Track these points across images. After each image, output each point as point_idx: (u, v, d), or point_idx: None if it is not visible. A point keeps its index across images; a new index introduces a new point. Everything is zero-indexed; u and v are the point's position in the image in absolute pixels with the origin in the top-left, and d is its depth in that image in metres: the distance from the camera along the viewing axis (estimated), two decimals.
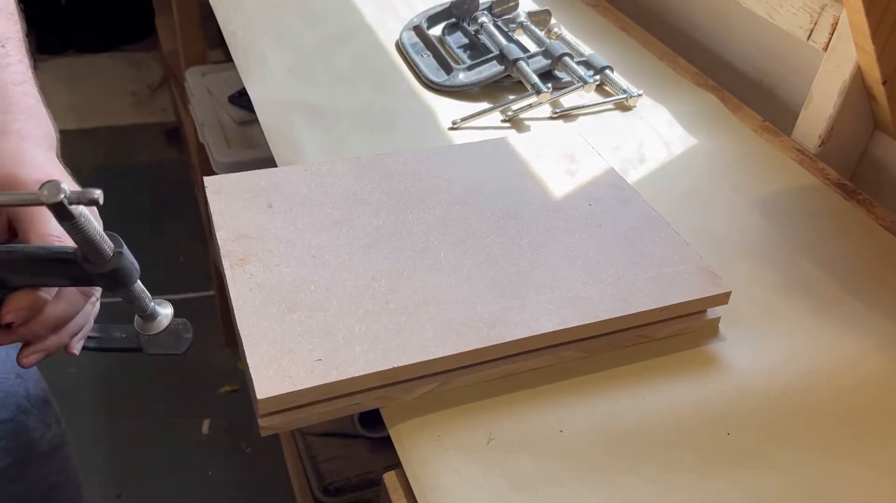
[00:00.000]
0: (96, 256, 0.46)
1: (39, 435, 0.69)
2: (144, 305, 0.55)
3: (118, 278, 0.48)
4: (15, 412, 0.66)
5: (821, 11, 0.82)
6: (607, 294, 0.58)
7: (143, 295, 0.54)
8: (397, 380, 0.52)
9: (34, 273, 0.47)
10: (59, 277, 0.48)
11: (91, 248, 0.45)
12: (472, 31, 1.01)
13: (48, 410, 0.72)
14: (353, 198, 0.66)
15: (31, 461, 0.68)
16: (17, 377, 0.67)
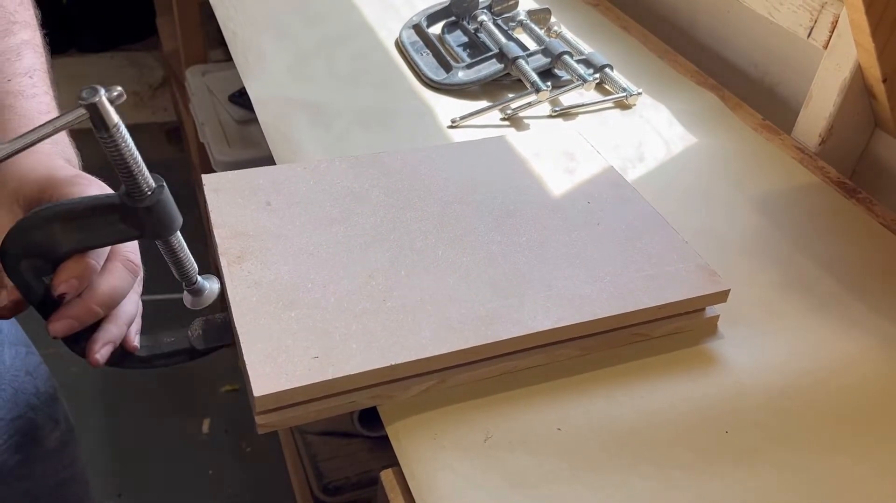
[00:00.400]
0: (137, 185, 0.45)
1: (48, 432, 0.69)
2: (190, 269, 0.53)
3: (162, 216, 0.47)
4: (25, 409, 0.66)
5: (821, 9, 0.82)
6: (605, 292, 0.58)
7: (188, 256, 0.52)
8: (394, 378, 0.52)
9: (79, 227, 0.46)
10: (103, 231, 0.47)
11: (131, 172, 0.44)
12: (472, 29, 1.01)
13: (57, 408, 0.72)
14: (352, 196, 0.66)
15: (40, 458, 0.68)
16: (26, 374, 0.67)
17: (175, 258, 0.52)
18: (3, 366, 0.65)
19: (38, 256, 0.46)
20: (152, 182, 0.46)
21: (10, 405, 0.64)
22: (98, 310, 0.48)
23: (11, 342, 0.68)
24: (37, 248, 0.46)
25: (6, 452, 0.63)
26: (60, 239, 0.46)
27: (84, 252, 0.47)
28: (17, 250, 0.46)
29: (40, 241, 0.46)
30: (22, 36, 0.58)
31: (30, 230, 0.46)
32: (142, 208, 0.45)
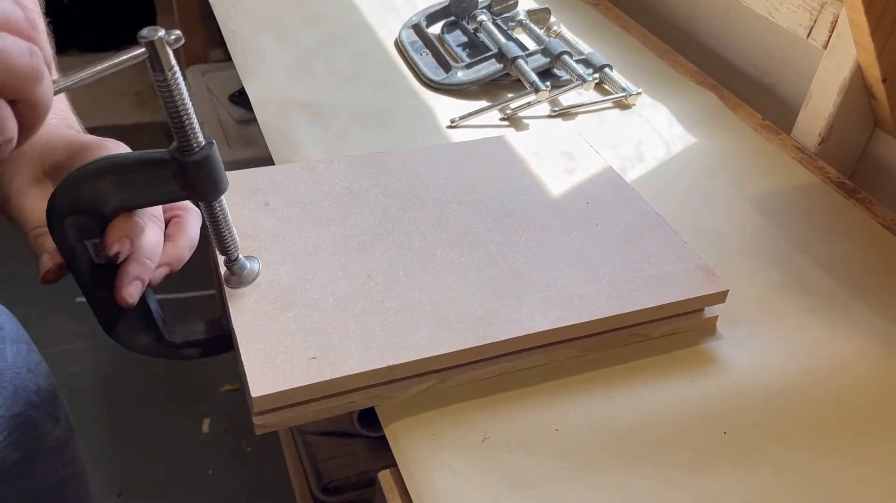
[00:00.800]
0: (188, 138, 0.45)
1: (49, 430, 0.69)
2: (231, 241, 0.52)
3: (211, 173, 0.47)
4: (25, 407, 0.66)
5: (820, 9, 0.82)
6: (604, 292, 0.58)
7: (231, 228, 0.52)
8: (392, 379, 0.52)
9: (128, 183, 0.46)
10: (151, 189, 0.47)
11: (183, 123, 0.44)
12: (471, 29, 1.01)
13: (57, 405, 0.72)
14: (350, 196, 0.65)
15: (40, 456, 0.68)
16: (27, 372, 0.67)
17: (217, 226, 0.51)
18: (5, 364, 0.65)
19: (84, 213, 0.46)
20: (202, 138, 0.46)
21: (11, 402, 0.64)
22: (151, 266, 0.49)
23: (13, 339, 0.68)
24: (84, 204, 0.46)
25: (6, 449, 0.63)
26: (108, 195, 0.46)
27: (128, 212, 0.48)
28: (66, 205, 0.46)
29: (88, 197, 0.46)
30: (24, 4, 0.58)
31: (79, 184, 0.46)
32: (191, 163, 0.45)
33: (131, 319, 0.53)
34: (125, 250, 0.47)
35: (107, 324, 0.52)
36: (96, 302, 0.51)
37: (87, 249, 0.48)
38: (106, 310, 0.51)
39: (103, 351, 1.68)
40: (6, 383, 0.64)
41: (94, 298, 0.51)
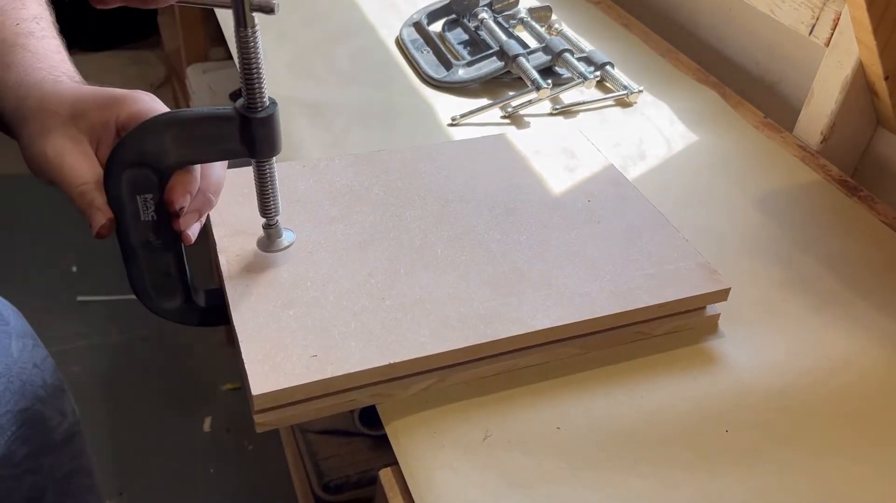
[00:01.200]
0: (256, 96, 0.47)
1: (56, 424, 0.70)
2: (274, 204, 0.55)
3: (273, 131, 0.49)
4: (32, 401, 0.66)
5: (822, 7, 0.82)
6: (605, 290, 0.57)
7: (276, 191, 0.54)
8: (393, 377, 0.52)
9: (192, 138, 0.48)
10: (213, 146, 0.49)
11: (253, 81, 0.47)
12: (472, 27, 1.01)
13: (64, 399, 0.72)
14: (351, 194, 0.65)
15: (48, 450, 0.68)
16: (34, 367, 0.68)
17: (264, 187, 0.53)
18: (11, 359, 0.65)
19: (144, 165, 0.48)
20: (267, 98, 0.48)
21: (18, 397, 0.65)
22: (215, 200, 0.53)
23: (19, 335, 0.68)
24: (146, 157, 0.48)
25: (14, 443, 0.63)
26: (170, 149, 0.48)
27: (186, 167, 0.50)
28: (129, 157, 0.48)
29: (152, 150, 0.48)
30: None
31: (146, 136, 0.47)
32: (257, 119, 0.48)
33: (166, 281, 0.54)
34: (187, 205, 0.50)
35: (140, 286, 0.53)
36: (136, 261, 0.52)
37: (137, 205, 0.50)
38: (144, 270, 0.53)
39: (104, 350, 1.68)
40: (13, 378, 0.65)
41: (135, 257, 0.52)
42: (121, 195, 0.49)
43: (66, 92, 0.51)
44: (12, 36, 0.55)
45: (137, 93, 0.52)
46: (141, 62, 2.67)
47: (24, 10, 0.57)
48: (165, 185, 0.50)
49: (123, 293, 1.81)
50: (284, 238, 0.58)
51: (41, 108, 0.50)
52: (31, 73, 0.52)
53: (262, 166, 0.52)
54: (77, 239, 1.90)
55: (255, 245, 0.59)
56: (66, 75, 0.54)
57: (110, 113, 0.50)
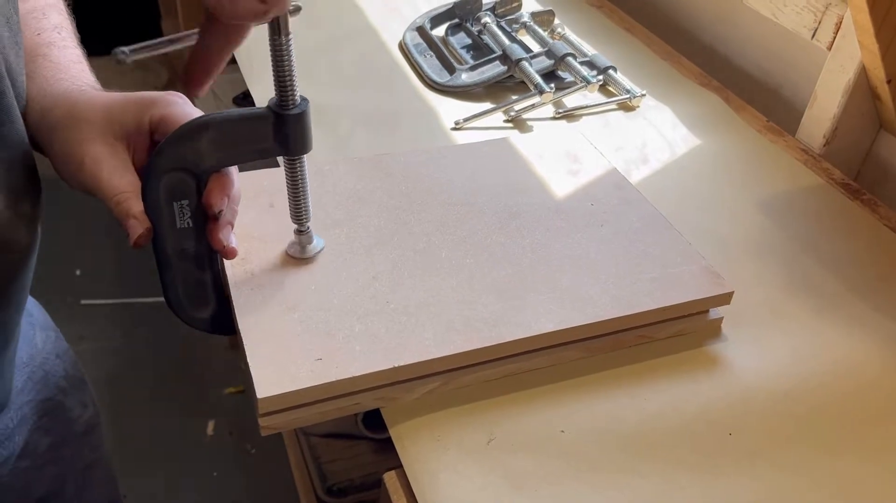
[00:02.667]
0: (288, 95, 0.49)
1: (76, 415, 0.70)
2: (306, 205, 0.56)
3: (306, 128, 0.51)
4: (55, 392, 0.67)
5: (825, 10, 0.82)
6: (609, 294, 0.58)
7: (307, 192, 0.56)
8: (397, 380, 0.52)
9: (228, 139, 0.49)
10: (248, 146, 0.50)
11: (287, 82, 0.48)
12: (476, 31, 1.01)
13: (85, 390, 0.73)
14: (355, 198, 0.66)
15: (69, 441, 0.69)
16: (56, 358, 0.68)
17: (296, 190, 0.55)
18: (35, 350, 0.66)
19: (183, 169, 0.49)
20: (298, 97, 0.50)
21: (41, 387, 0.65)
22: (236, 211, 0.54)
23: (42, 326, 0.68)
24: (184, 161, 0.49)
25: (36, 433, 0.64)
26: (207, 152, 0.49)
27: (221, 171, 0.51)
28: (167, 162, 0.49)
29: (189, 154, 0.49)
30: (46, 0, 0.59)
31: (183, 141, 0.48)
32: (291, 116, 0.49)
33: (199, 289, 0.55)
34: (225, 207, 0.51)
35: (174, 295, 0.54)
36: (170, 270, 0.52)
37: (174, 212, 0.50)
38: (177, 278, 0.53)
39: (107, 353, 1.68)
40: (36, 368, 0.65)
41: (169, 266, 0.52)
42: (159, 202, 0.49)
43: (96, 99, 0.51)
44: (34, 46, 0.55)
45: (169, 94, 0.52)
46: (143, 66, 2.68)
47: (45, 20, 0.57)
48: (202, 189, 0.50)
49: (127, 296, 1.82)
50: (315, 244, 0.59)
51: (72, 116, 0.50)
52: (53, 84, 0.52)
53: (293, 164, 0.54)
54: (81, 243, 1.91)
55: (259, 248, 0.59)
56: (87, 85, 0.54)
57: (143, 116, 0.50)
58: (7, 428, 0.61)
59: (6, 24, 0.47)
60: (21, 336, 0.63)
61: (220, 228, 0.51)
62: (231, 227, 0.52)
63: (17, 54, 0.49)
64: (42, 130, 0.51)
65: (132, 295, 1.81)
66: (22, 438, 0.62)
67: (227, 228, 0.52)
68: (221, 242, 0.51)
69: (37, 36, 0.56)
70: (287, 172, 0.54)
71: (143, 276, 1.79)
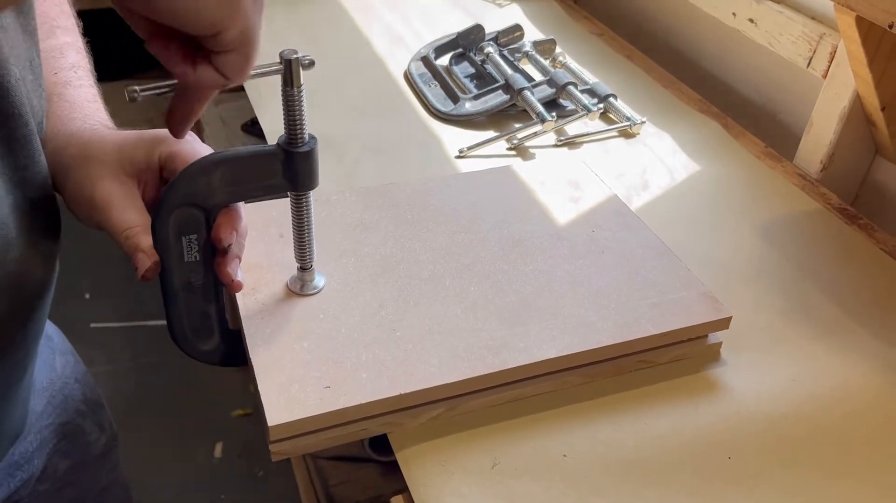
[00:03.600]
0: (298, 135, 0.50)
1: (94, 438, 0.72)
2: (310, 243, 0.58)
3: (313, 164, 0.52)
4: (73, 416, 0.68)
5: (819, 40, 0.84)
6: (610, 320, 0.59)
7: (312, 229, 0.57)
8: (403, 407, 0.54)
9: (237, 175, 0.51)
10: (257, 183, 0.52)
11: (298, 124, 0.50)
12: (479, 61, 1.03)
13: (102, 414, 0.75)
14: (362, 227, 0.67)
15: (87, 463, 0.70)
16: (75, 382, 0.70)
17: (300, 224, 0.57)
18: (55, 374, 0.67)
19: (193, 205, 0.51)
20: (307, 135, 0.51)
21: (60, 411, 0.67)
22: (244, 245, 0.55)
23: (61, 351, 0.70)
24: (195, 197, 0.50)
25: (55, 456, 0.65)
26: (217, 188, 0.51)
27: (229, 206, 0.52)
28: (178, 198, 0.50)
29: (200, 190, 0.50)
30: (64, 38, 0.61)
31: (195, 177, 0.50)
32: (300, 153, 0.51)
33: (204, 322, 0.56)
34: (234, 242, 0.52)
35: (179, 328, 0.55)
36: (176, 303, 0.54)
37: (182, 246, 0.52)
38: (183, 311, 0.54)
39: (116, 376, 1.70)
40: (56, 393, 0.67)
41: (176, 299, 0.54)
42: (168, 237, 0.51)
43: (108, 138, 0.53)
44: (50, 86, 0.57)
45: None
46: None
47: (62, 59, 0.59)
48: (210, 224, 0.52)
49: (136, 320, 1.83)
50: (316, 283, 0.60)
51: (85, 156, 0.52)
52: (66, 124, 0.54)
53: (300, 200, 0.55)
54: (90, 266, 1.93)
55: (269, 278, 0.60)
56: (100, 123, 0.55)
57: (153, 153, 0.52)
58: (27, 451, 0.62)
59: (29, 67, 0.49)
60: (41, 361, 0.65)
61: (228, 262, 0.53)
62: (238, 260, 0.54)
63: (40, 97, 0.51)
64: (56, 169, 0.53)
65: (141, 318, 1.83)
66: (41, 461, 0.64)
67: (235, 262, 0.54)
68: (230, 276, 0.53)
69: (53, 75, 0.58)
70: (293, 208, 0.56)
71: (152, 300, 1.81)
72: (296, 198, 0.55)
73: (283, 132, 0.51)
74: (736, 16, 0.96)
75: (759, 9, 0.92)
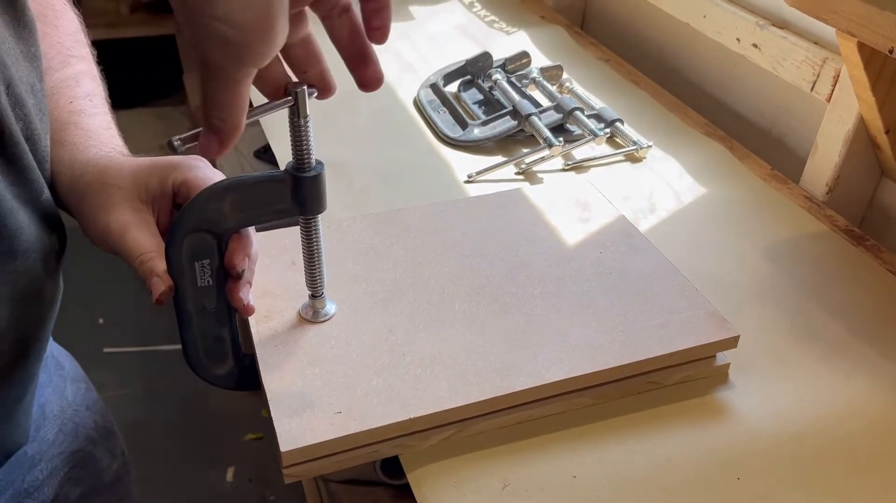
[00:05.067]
0: (306, 161, 0.52)
1: (106, 465, 0.72)
2: (320, 267, 0.59)
3: (321, 189, 0.53)
4: (84, 443, 0.69)
5: (822, 65, 0.85)
6: (617, 341, 0.60)
7: (321, 253, 0.58)
8: (414, 430, 0.54)
9: (248, 201, 0.52)
10: (267, 208, 0.53)
11: (305, 151, 0.52)
12: (487, 87, 1.05)
13: (114, 441, 0.75)
14: (373, 252, 0.68)
15: (98, 490, 0.71)
16: (86, 409, 0.71)
17: (310, 249, 0.58)
18: (66, 402, 0.68)
19: (205, 230, 0.52)
20: (314, 161, 0.53)
21: (72, 439, 0.68)
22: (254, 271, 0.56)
23: (73, 378, 0.71)
24: (207, 223, 0.52)
25: (67, 484, 0.66)
26: (229, 213, 0.52)
27: (240, 232, 0.54)
28: (191, 224, 0.51)
29: (212, 216, 0.52)
30: (80, 67, 0.63)
31: (207, 203, 0.51)
32: (308, 178, 0.52)
33: (218, 346, 0.57)
34: (246, 267, 0.53)
35: (193, 352, 0.56)
36: (190, 328, 0.55)
37: (196, 271, 0.53)
38: (197, 336, 0.56)
39: (130, 400, 1.71)
40: (67, 420, 0.68)
41: (190, 324, 0.55)
42: (181, 262, 0.52)
43: (124, 165, 0.54)
44: (66, 114, 0.58)
45: (191, 158, 0.55)
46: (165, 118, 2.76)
47: (78, 88, 0.61)
48: (223, 249, 0.53)
49: (149, 344, 1.85)
50: (327, 310, 0.62)
51: (101, 182, 0.53)
52: (82, 151, 0.56)
53: (308, 224, 0.57)
54: (104, 292, 1.95)
55: (282, 305, 0.62)
56: (115, 150, 0.57)
57: (167, 180, 0.54)
58: (37, 479, 0.63)
59: (31, 91, 0.51)
60: (52, 389, 0.66)
61: (241, 287, 0.54)
62: (250, 285, 0.55)
63: (42, 120, 0.52)
64: (73, 195, 0.54)
65: (154, 343, 1.84)
66: (52, 490, 0.64)
67: (247, 287, 0.55)
68: (241, 301, 0.54)
69: (69, 104, 0.59)
70: (303, 233, 0.57)
71: (165, 325, 1.82)
72: (305, 222, 0.56)
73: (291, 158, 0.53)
74: (740, 41, 0.97)
75: (763, 34, 0.93)
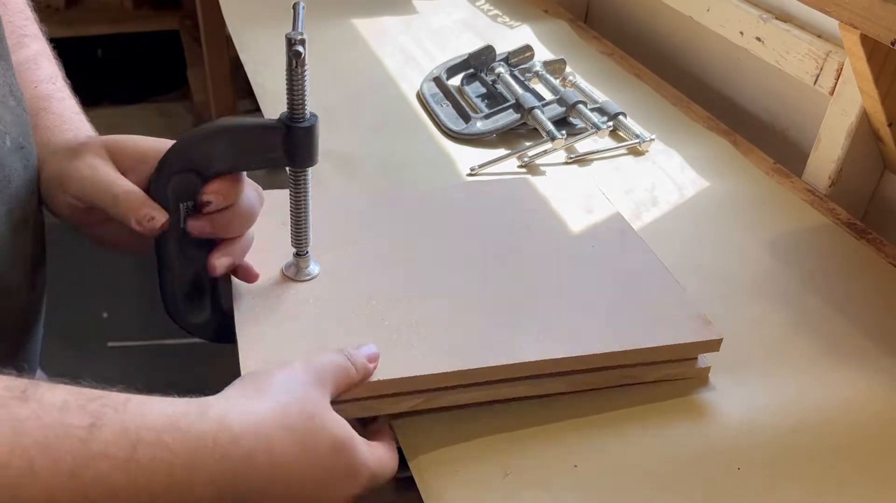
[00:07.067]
0: (300, 110, 0.52)
1: None
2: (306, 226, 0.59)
3: (313, 141, 0.53)
4: None
5: (825, 58, 0.85)
6: (596, 330, 0.59)
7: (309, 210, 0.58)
8: (382, 394, 0.54)
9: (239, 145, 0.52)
10: (258, 155, 0.53)
11: (300, 100, 0.52)
12: (490, 80, 1.05)
13: None
14: (364, 221, 0.69)
15: None
16: None
17: (298, 205, 0.57)
18: None
19: (191, 171, 0.51)
20: (308, 112, 0.53)
21: None
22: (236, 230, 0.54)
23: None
24: (194, 163, 0.51)
25: None
26: (217, 155, 0.52)
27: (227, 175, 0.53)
28: (178, 163, 0.51)
29: (200, 156, 0.51)
30: (34, 47, 0.62)
31: (197, 143, 0.51)
32: (300, 128, 0.52)
33: (197, 293, 0.57)
34: (218, 202, 0.52)
35: (171, 297, 0.56)
36: (170, 272, 0.55)
37: (180, 212, 0.53)
38: (177, 281, 0.55)
39: None
40: None
41: (171, 268, 0.55)
42: (166, 201, 0.51)
43: (97, 139, 0.54)
44: (33, 99, 0.58)
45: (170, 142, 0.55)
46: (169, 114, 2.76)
47: (38, 71, 0.60)
48: None
49: (153, 338, 1.85)
50: (311, 269, 0.62)
51: (72, 149, 0.53)
52: (57, 135, 0.56)
53: (298, 177, 0.56)
54: (108, 286, 1.95)
55: (266, 261, 0.61)
56: (87, 136, 0.57)
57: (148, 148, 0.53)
58: None
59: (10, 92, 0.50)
60: None
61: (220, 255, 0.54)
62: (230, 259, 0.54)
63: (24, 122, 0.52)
64: (45, 176, 0.54)
65: (158, 337, 1.85)
66: None
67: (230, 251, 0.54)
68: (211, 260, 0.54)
69: (34, 88, 0.59)
70: (291, 187, 0.57)
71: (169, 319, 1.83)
72: (294, 175, 0.56)
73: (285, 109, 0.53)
74: (743, 35, 0.97)
75: (766, 28, 0.93)
